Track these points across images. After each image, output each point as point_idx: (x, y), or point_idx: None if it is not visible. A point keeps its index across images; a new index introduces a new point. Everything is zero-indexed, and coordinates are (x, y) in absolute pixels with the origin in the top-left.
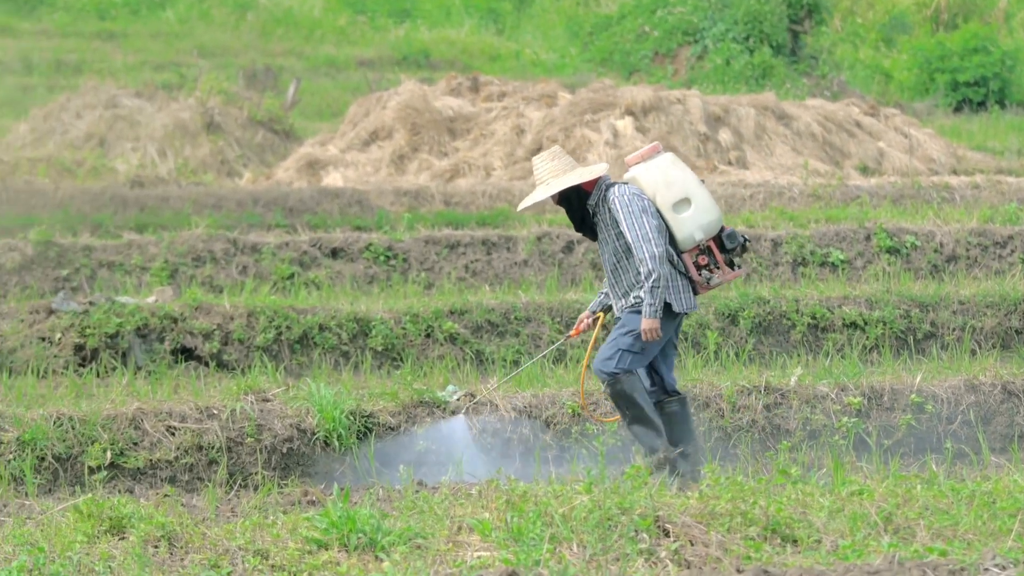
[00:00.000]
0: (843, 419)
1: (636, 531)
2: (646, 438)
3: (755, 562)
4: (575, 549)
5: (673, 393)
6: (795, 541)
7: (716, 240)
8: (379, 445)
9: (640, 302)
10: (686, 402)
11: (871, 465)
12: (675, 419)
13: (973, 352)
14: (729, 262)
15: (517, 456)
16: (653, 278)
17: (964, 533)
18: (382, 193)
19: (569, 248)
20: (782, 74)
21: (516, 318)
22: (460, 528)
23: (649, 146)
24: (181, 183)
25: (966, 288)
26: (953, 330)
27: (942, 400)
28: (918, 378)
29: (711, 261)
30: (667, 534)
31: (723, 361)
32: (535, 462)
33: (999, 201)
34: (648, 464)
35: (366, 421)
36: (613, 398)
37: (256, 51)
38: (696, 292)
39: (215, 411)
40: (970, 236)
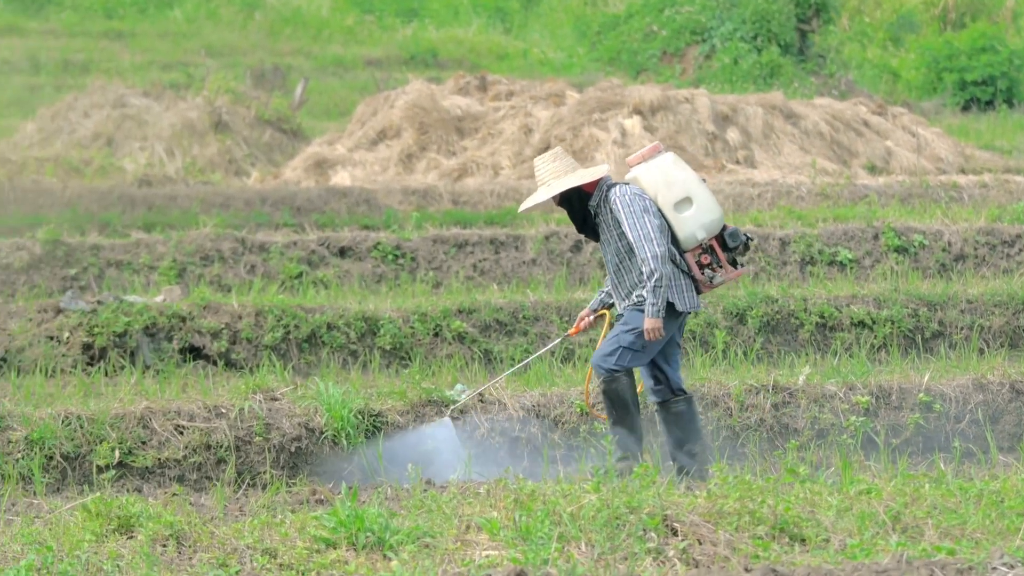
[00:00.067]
0: (851, 418)
1: (644, 530)
2: (626, 441)
3: (763, 561)
4: (583, 548)
5: (679, 392)
6: (803, 540)
7: (718, 239)
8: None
9: (643, 300)
10: (692, 401)
11: (879, 464)
12: (682, 418)
13: (981, 351)
14: (732, 261)
15: (525, 455)
16: (655, 277)
17: (972, 532)
18: (390, 192)
19: (577, 247)
20: (790, 73)
21: (524, 317)
22: (468, 527)
23: (650, 146)
24: (189, 182)
25: (974, 287)
26: (961, 329)
27: (950, 399)
28: (926, 377)
29: (714, 260)
30: (675, 533)
31: (731, 360)
32: (543, 461)
33: (1007, 200)
34: (614, 462)
35: (374, 420)
36: (605, 395)
37: (264, 50)
38: (699, 291)
39: (223, 410)
40: (978, 235)
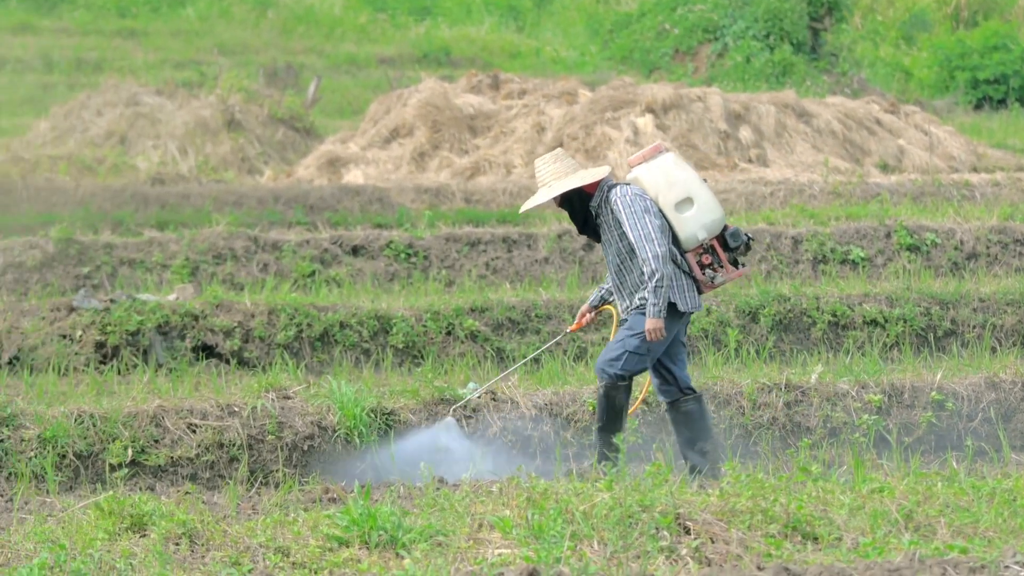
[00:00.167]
0: (863, 416)
1: (657, 528)
2: (605, 448)
3: (776, 559)
4: (596, 546)
5: (688, 391)
6: (816, 538)
7: (719, 239)
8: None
9: (646, 303)
10: (702, 399)
11: (891, 463)
12: (692, 417)
13: (993, 349)
14: (733, 261)
15: (538, 453)
16: (656, 278)
17: (984, 530)
18: (403, 191)
19: (590, 245)
20: (802, 72)
21: (537, 316)
22: (481, 525)
23: (651, 146)
24: (202, 181)
25: (986, 286)
26: (973, 327)
27: (962, 398)
28: (938, 376)
29: (715, 260)
30: (688, 531)
31: (743, 358)
32: (556, 459)
33: (1019, 199)
34: (596, 461)
35: (387, 419)
36: (605, 398)
37: (277, 49)
38: (700, 291)
39: (236, 408)
40: (990, 233)
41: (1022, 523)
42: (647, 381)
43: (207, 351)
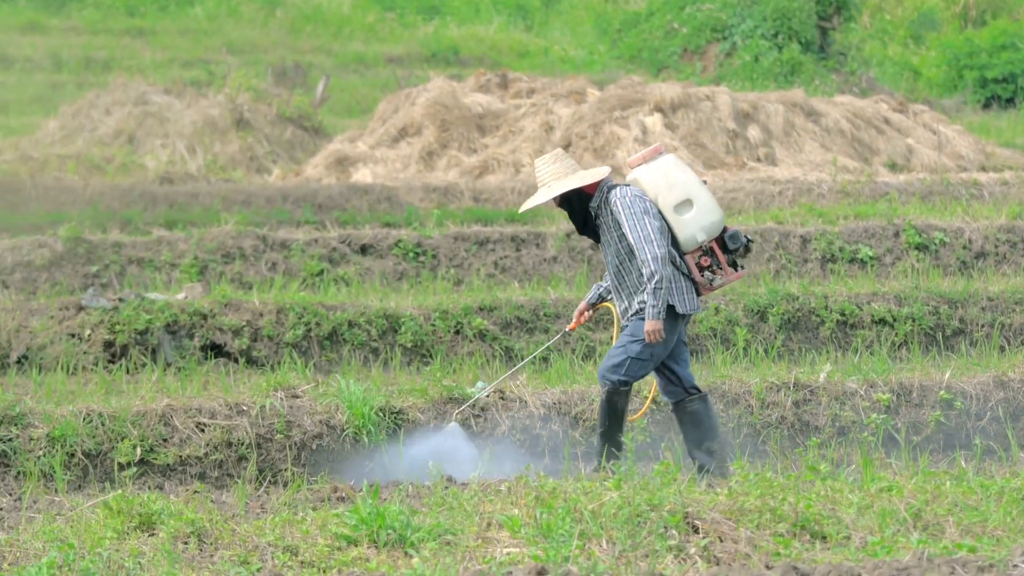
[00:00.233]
0: (872, 415)
1: (665, 527)
2: (613, 447)
3: (784, 558)
4: (604, 545)
5: (693, 390)
6: (824, 537)
7: (719, 241)
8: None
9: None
10: (707, 398)
11: (900, 461)
12: (698, 417)
13: (1002, 348)
14: (732, 263)
15: (546, 452)
16: (656, 280)
17: (993, 529)
18: (411, 190)
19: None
20: (811, 71)
21: (545, 315)
22: (489, 524)
23: (651, 148)
24: (210, 180)
25: (995, 284)
26: (982, 326)
27: (971, 396)
28: (947, 374)
29: (714, 262)
30: (696, 530)
31: (752, 357)
32: (564, 458)
33: None
34: (604, 460)
35: (395, 418)
36: (607, 404)
37: (285, 48)
38: (699, 293)
39: (245, 407)
40: (999, 232)
41: None
42: (654, 384)
43: (216, 350)
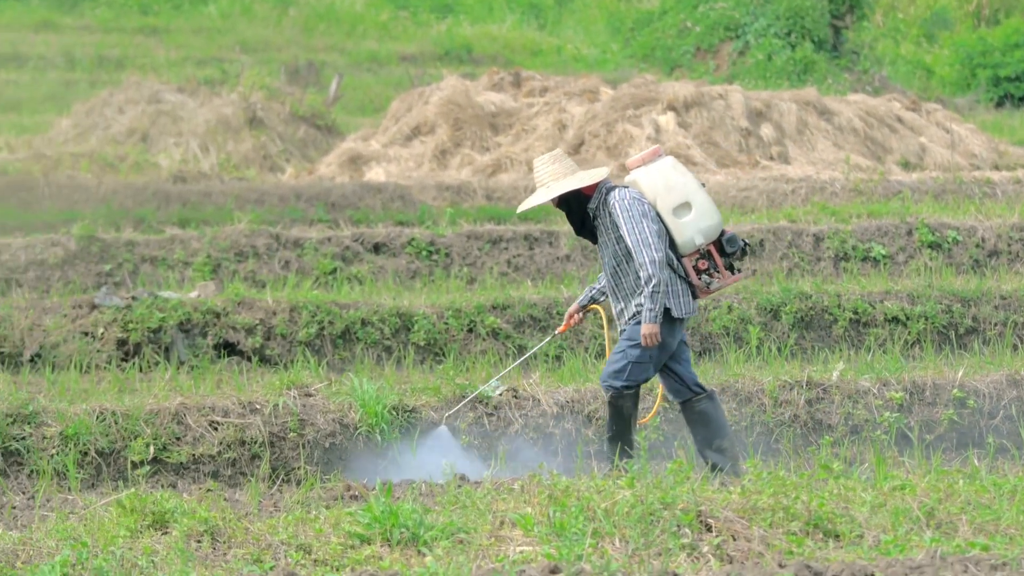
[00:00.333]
0: (885, 414)
1: (678, 526)
2: (627, 446)
3: (797, 557)
4: (617, 544)
5: (698, 389)
6: (837, 536)
7: (716, 244)
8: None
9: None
10: (715, 397)
11: (913, 460)
12: (707, 416)
13: (1015, 347)
14: (729, 266)
15: (559, 451)
16: (653, 283)
17: (1006, 528)
18: (424, 188)
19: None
20: (824, 69)
21: (558, 313)
22: (502, 523)
23: (650, 149)
24: (223, 178)
25: (1008, 283)
26: (995, 325)
27: (984, 395)
28: (960, 373)
29: (711, 265)
30: (709, 529)
31: (765, 356)
32: (577, 457)
33: None
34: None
35: (408, 416)
36: (613, 408)
37: (298, 46)
38: (696, 296)
39: (258, 406)
40: (1012, 231)
41: None
42: (660, 388)
43: (229, 348)
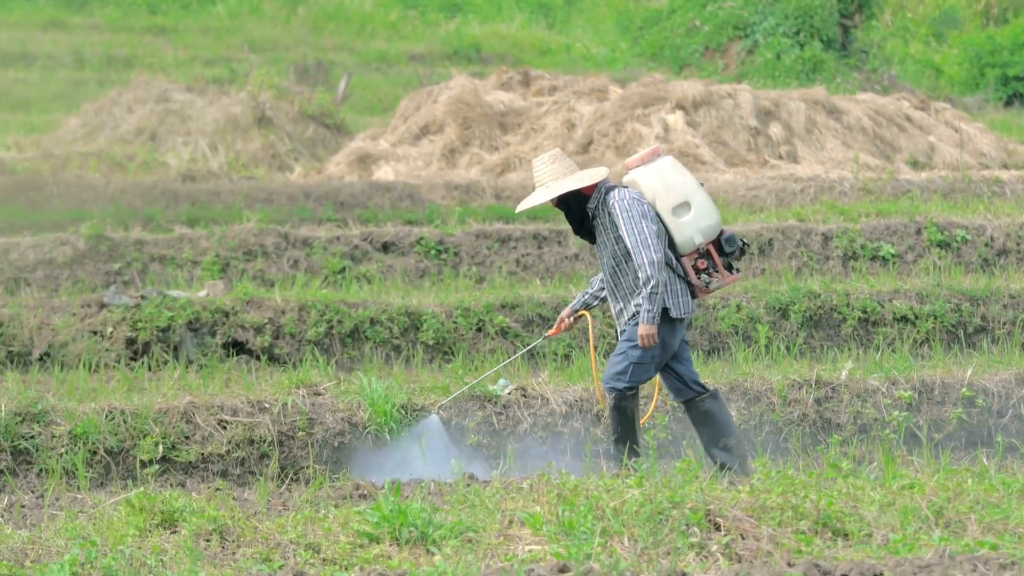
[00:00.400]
0: (894, 413)
1: (687, 525)
2: (624, 454)
3: (806, 556)
4: (626, 543)
5: (699, 389)
6: (846, 535)
7: (715, 244)
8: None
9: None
10: (718, 395)
11: (922, 459)
12: (711, 415)
13: (1023, 346)
14: (728, 265)
15: (568, 450)
16: (651, 284)
17: (1015, 527)
18: (433, 187)
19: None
20: (832, 68)
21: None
22: (511, 522)
23: (649, 149)
24: (232, 177)
25: (1017, 282)
26: (1004, 324)
27: (993, 394)
28: (969, 372)
29: (710, 265)
30: (718, 528)
31: (774, 355)
32: (586, 456)
33: None
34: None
35: (417, 415)
36: (616, 411)
37: (307, 46)
38: (695, 296)
39: (267, 405)
40: (1021, 230)
41: None
42: (656, 391)
43: (237, 347)
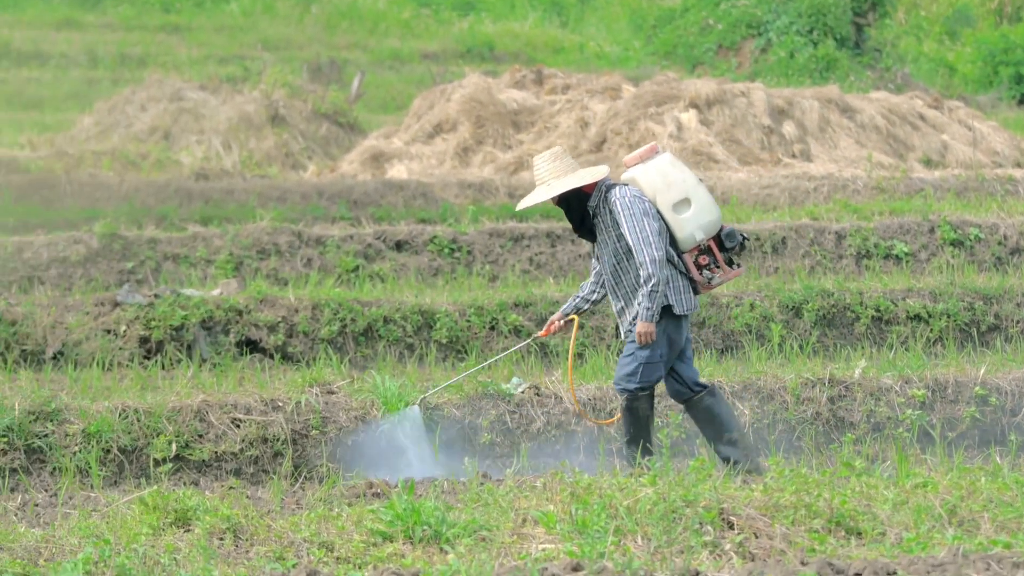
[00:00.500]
0: (907, 411)
1: (701, 523)
2: (638, 453)
3: (819, 554)
4: (640, 541)
5: (697, 388)
6: (859, 534)
7: (716, 239)
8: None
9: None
10: (716, 391)
11: (935, 458)
12: (712, 411)
13: None
14: (729, 260)
15: (581, 448)
16: (652, 282)
17: None
18: (446, 186)
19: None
20: (846, 67)
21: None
22: (525, 520)
23: (647, 147)
24: (246, 176)
25: None
26: (1017, 322)
27: (1006, 392)
28: (982, 370)
29: (711, 260)
30: (731, 526)
31: (787, 353)
32: (599, 455)
33: None
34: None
35: (430, 414)
36: (629, 412)
37: (320, 44)
38: (697, 292)
39: (280, 403)
40: None
41: None
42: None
43: (251, 346)
